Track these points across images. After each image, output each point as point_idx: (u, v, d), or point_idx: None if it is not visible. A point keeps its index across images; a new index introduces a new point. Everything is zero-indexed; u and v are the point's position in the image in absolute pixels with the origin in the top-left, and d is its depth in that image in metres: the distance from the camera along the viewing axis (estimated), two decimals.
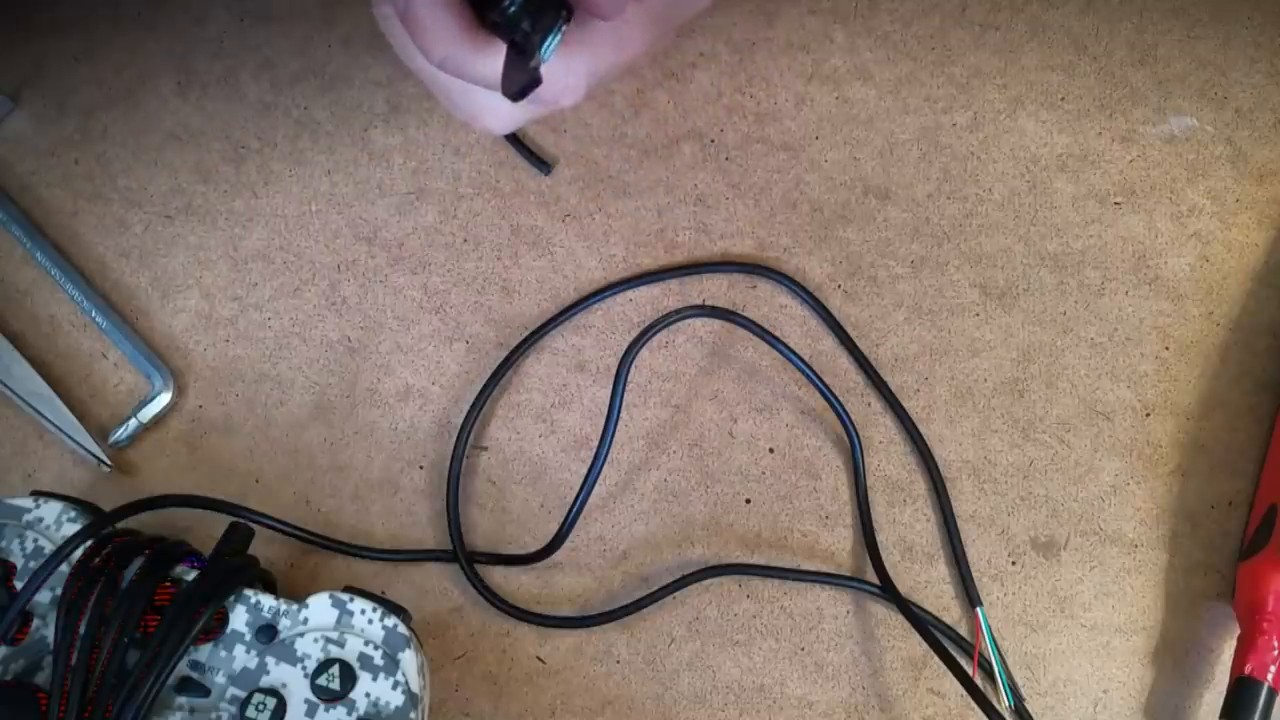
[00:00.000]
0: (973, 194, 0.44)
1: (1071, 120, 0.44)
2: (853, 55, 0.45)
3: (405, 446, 0.41)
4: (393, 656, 0.33)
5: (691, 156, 0.44)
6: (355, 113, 0.44)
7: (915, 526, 0.40)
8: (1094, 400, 0.42)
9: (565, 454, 0.41)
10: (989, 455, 0.41)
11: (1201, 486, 0.41)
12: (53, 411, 0.40)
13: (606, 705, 0.39)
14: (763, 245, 0.43)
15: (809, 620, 0.39)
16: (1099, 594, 0.40)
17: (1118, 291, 0.43)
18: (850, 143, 0.44)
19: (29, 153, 0.43)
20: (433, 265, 0.43)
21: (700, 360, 0.42)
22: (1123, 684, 0.39)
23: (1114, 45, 0.45)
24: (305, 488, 0.40)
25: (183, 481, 0.40)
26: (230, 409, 0.41)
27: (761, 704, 0.39)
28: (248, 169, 0.44)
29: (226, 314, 0.42)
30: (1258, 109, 0.44)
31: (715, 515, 0.40)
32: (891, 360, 0.42)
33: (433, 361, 0.42)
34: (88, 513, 0.35)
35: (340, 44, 0.45)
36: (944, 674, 0.39)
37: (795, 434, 0.41)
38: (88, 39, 0.45)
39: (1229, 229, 0.43)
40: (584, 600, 0.40)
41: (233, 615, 0.34)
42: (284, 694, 0.33)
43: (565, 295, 0.42)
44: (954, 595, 0.40)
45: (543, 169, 0.43)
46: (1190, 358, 0.42)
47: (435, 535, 0.40)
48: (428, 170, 0.44)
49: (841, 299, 0.42)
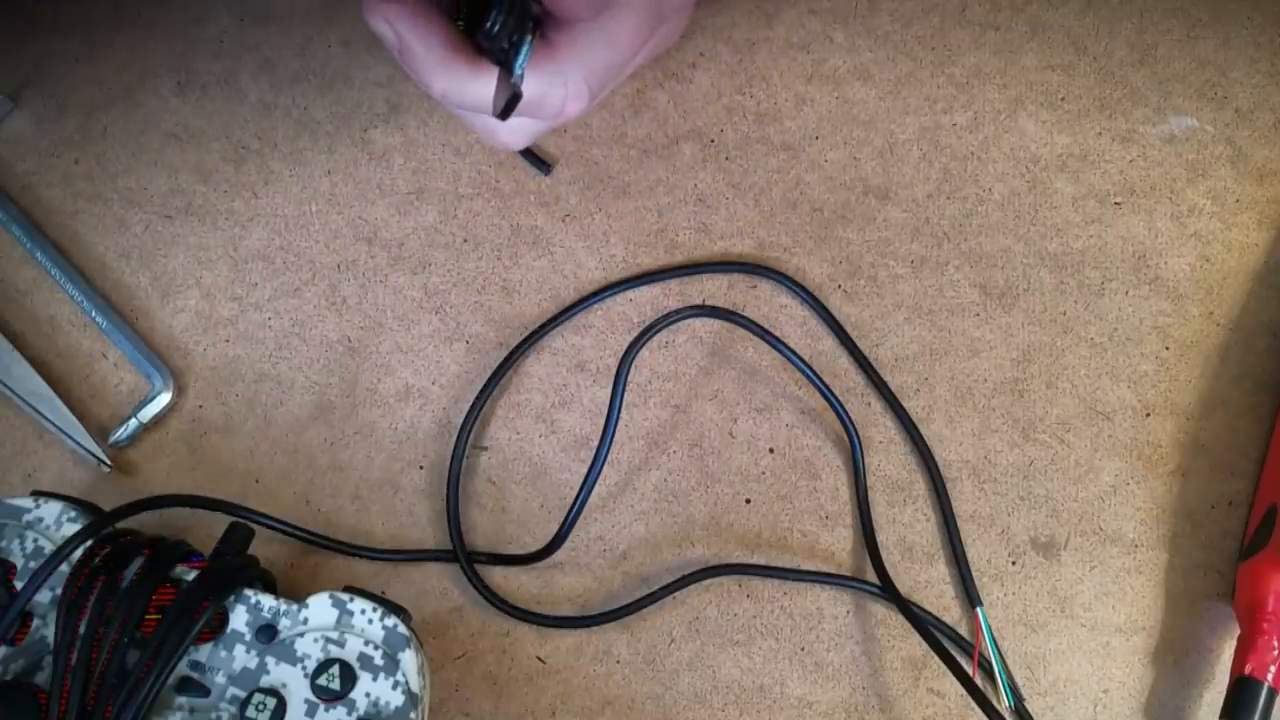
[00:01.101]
0: (973, 194, 0.44)
1: (1071, 120, 0.44)
2: (853, 55, 0.45)
3: (405, 446, 0.41)
4: (393, 656, 0.33)
5: (691, 156, 0.44)
6: (355, 113, 0.44)
7: (915, 526, 0.40)
8: (1094, 400, 0.42)
9: (565, 454, 0.41)
10: (989, 455, 0.41)
11: (1201, 486, 0.41)
12: (53, 411, 0.40)
13: (606, 705, 0.39)
14: (763, 245, 0.43)
15: (809, 620, 0.39)
16: (1099, 594, 0.40)
17: (1118, 291, 0.43)
18: (850, 143, 0.44)
19: (29, 153, 0.44)
20: (433, 265, 0.43)
21: (700, 360, 0.42)
22: (1123, 684, 0.39)
23: (1114, 45, 0.45)
24: (305, 488, 0.40)
25: (183, 481, 0.40)
26: (230, 409, 0.41)
27: (761, 704, 0.39)
28: (248, 169, 0.44)
29: (226, 314, 0.42)
30: (1258, 109, 0.44)
31: (715, 515, 0.40)
32: (891, 360, 0.42)
33: (433, 361, 0.42)
34: (88, 513, 0.35)
35: (340, 44, 0.45)
36: (944, 674, 0.39)
37: (795, 434, 0.41)
38: (88, 39, 0.45)
39: (1229, 229, 0.43)
40: (584, 600, 0.40)
41: (233, 615, 0.34)
42: (284, 694, 0.33)
43: (565, 295, 0.42)
44: (954, 595, 0.40)
45: (543, 169, 0.43)
46: (1190, 358, 0.42)
47: (435, 535, 0.40)
48: (428, 170, 0.44)
49: (841, 299, 0.42)
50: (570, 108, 0.33)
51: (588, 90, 0.32)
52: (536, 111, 0.33)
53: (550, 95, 0.32)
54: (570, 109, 0.33)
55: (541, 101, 0.32)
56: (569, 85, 0.32)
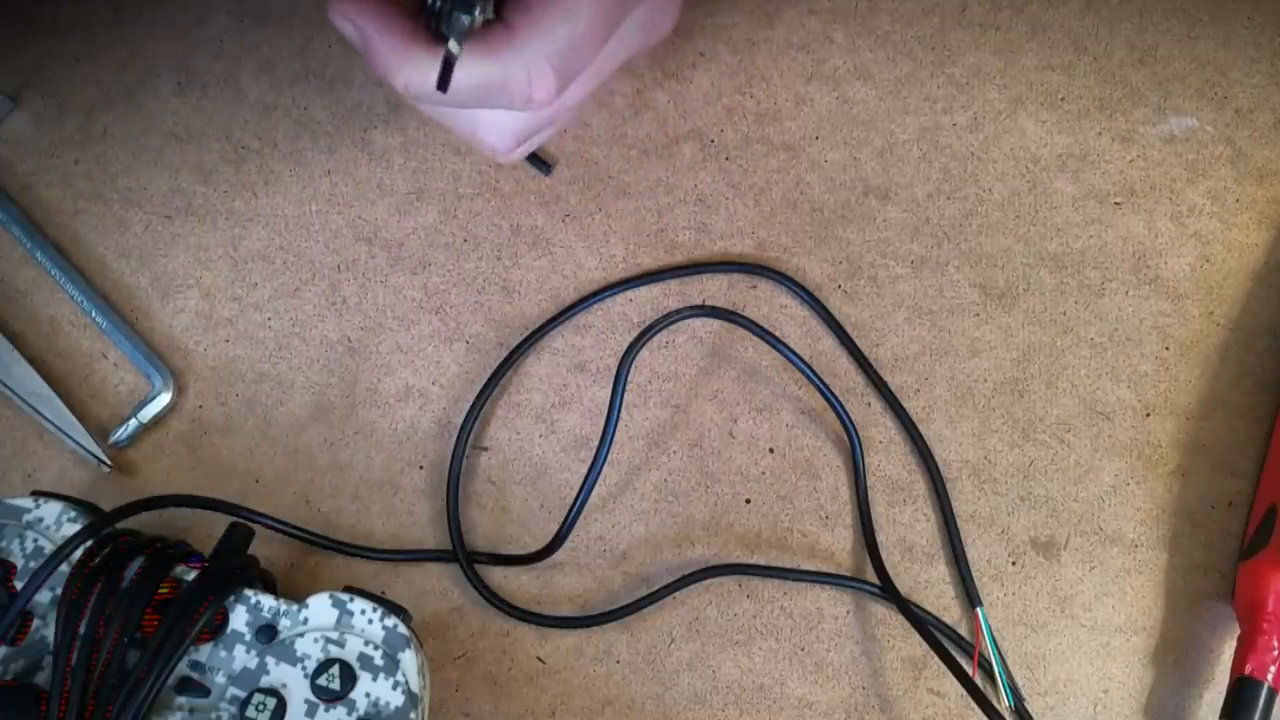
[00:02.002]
0: (973, 194, 0.44)
1: (1071, 120, 0.44)
2: (853, 55, 0.45)
3: (405, 446, 0.41)
4: (393, 656, 0.33)
5: (691, 156, 0.44)
6: (355, 113, 0.44)
7: (915, 526, 0.40)
8: (1094, 400, 0.42)
9: (565, 454, 0.41)
10: (989, 455, 0.41)
11: (1201, 486, 0.41)
12: (53, 411, 0.40)
13: (606, 705, 0.39)
14: (763, 245, 0.43)
15: (809, 620, 0.39)
16: (1099, 594, 0.40)
17: (1118, 291, 0.43)
18: (850, 143, 0.44)
19: (29, 153, 0.43)
20: (433, 265, 0.43)
21: (700, 360, 0.42)
22: (1123, 684, 0.39)
23: (1114, 45, 0.45)
24: (305, 488, 0.40)
25: (183, 481, 0.40)
26: (230, 409, 0.41)
27: (761, 704, 0.39)
28: (248, 169, 0.44)
29: (226, 314, 0.42)
30: (1258, 109, 0.44)
31: (715, 515, 0.40)
32: (891, 360, 0.42)
33: (433, 361, 0.42)
34: (88, 513, 0.35)
35: (340, 44, 0.45)
36: (944, 674, 0.39)
37: (795, 434, 0.41)
38: (88, 39, 0.45)
39: (1229, 229, 0.43)
40: (584, 600, 0.40)
41: (233, 615, 0.34)
42: (284, 694, 0.33)
43: (565, 295, 0.42)
44: (954, 595, 0.40)
45: (543, 169, 0.43)
46: (1190, 358, 0.42)
47: (435, 535, 0.40)
48: (428, 170, 0.44)
49: (841, 299, 0.42)
50: (537, 91, 0.31)
51: (551, 70, 0.31)
52: (501, 98, 0.31)
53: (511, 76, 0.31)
54: (537, 92, 0.31)
55: (504, 85, 0.31)
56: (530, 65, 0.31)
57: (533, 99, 0.32)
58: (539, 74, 0.31)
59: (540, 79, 0.31)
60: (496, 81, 0.31)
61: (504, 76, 0.31)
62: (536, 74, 0.31)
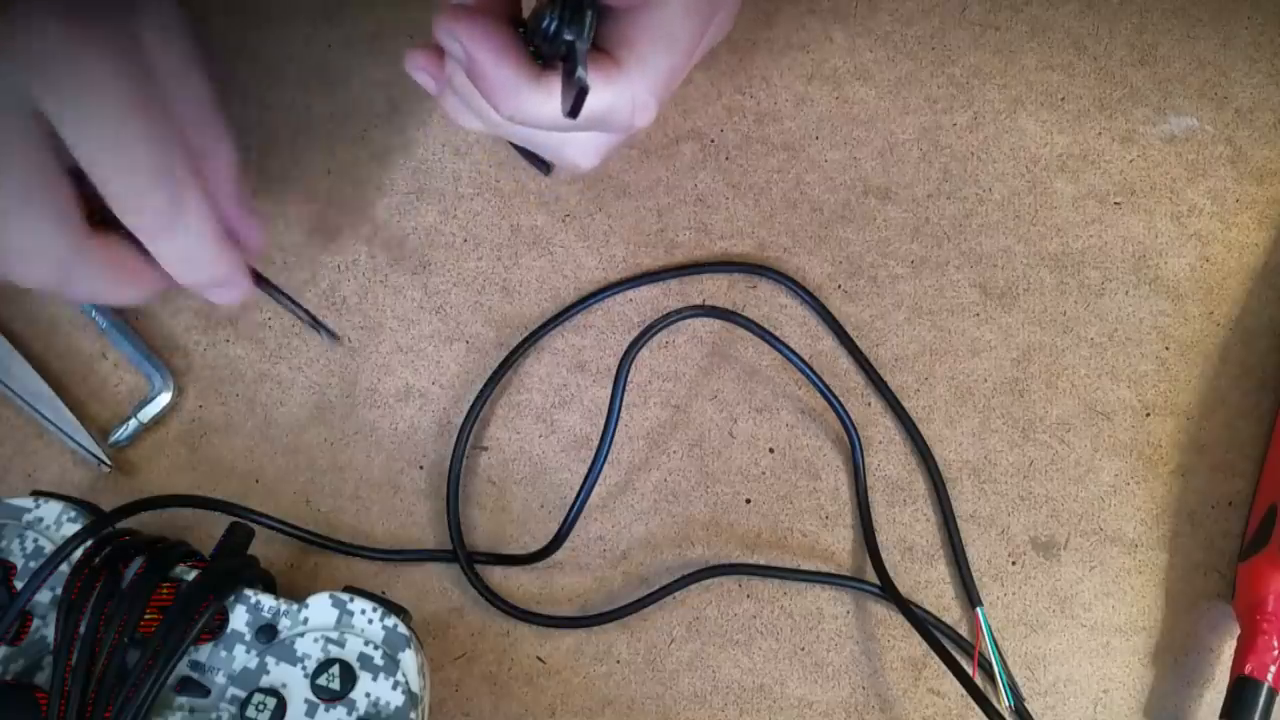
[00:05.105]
0: (973, 194, 0.44)
1: (1071, 120, 0.44)
2: (853, 55, 0.45)
3: (405, 446, 0.41)
4: (393, 656, 0.33)
5: (691, 156, 0.44)
6: (355, 113, 0.44)
7: (915, 526, 0.40)
8: (1094, 400, 0.42)
9: (565, 454, 0.41)
10: (989, 455, 0.41)
11: (1201, 486, 0.41)
12: (53, 411, 0.40)
13: (606, 705, 0.39)
14: (763, 245, 0.43)
15: (809, 620, 0.39)
16: (1099, 594, 0.40)
17: (1118, 291, 0.43)
18: (850, 143, 0.44)
19: None
20: (433, 265, 0.43)
21: (700, 360, 0.42)
22: (1123, 684, 0.39)
23: (1114, 45, 0.45)
24: (305, 488, 0.40)
25: (183, 481, 0.40)
26: (230, 409, 0.41)
27: (761, 704, 0.39)
28: (247, 169, 0.43)
29: (226, 314, 0.42)
30: (1258, 109, 0.44)
31: (715, 515, 0.40)
32: (891, 360, 0.42)
33: (433, 361, 0.42)
34: (88, 513, 0.35)
35: (340, 44, 0.45)
36: (944, 674, 0.39)
37: (795, 434, 0.41)
38: None
39: (1229, 229, 0.43)
40: (584, 600, 0.40)
41: (233, 615, 0.34)
42: (284, 694, 0.33)
43: (565, 295, 0.42)
44: (954, 595, 0.40)
45: (543, 169, 0.43)
46: (1190, 358, 0.42)
47: (435, 535, 0.40)
48: (428, 170, 0.44)
49: (841, 299, 0.42)
50: (639, 119, 0.33)
51: (655, 100, 0.32)
52: (605, 125, 0.33)
53: (618, 108, 0.32)
54: (640, 120, 0.33)
55: (609, 115, 0.32)
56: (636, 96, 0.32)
57: (634, 126, 0.33)
58: (643, 104, 0.32)
59: (644, 109, 0.32)
60: (603, 111, 0.32)
61: (610, 107, 0.32)
62: (641, 104, 0.32)
